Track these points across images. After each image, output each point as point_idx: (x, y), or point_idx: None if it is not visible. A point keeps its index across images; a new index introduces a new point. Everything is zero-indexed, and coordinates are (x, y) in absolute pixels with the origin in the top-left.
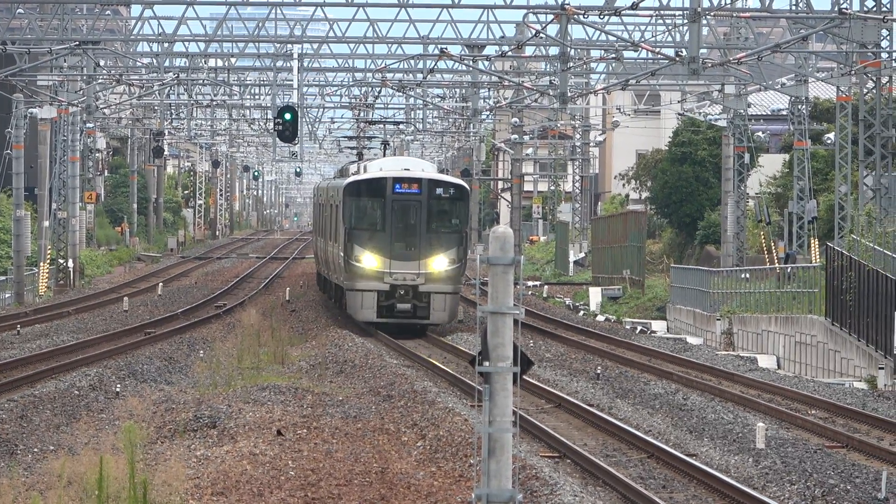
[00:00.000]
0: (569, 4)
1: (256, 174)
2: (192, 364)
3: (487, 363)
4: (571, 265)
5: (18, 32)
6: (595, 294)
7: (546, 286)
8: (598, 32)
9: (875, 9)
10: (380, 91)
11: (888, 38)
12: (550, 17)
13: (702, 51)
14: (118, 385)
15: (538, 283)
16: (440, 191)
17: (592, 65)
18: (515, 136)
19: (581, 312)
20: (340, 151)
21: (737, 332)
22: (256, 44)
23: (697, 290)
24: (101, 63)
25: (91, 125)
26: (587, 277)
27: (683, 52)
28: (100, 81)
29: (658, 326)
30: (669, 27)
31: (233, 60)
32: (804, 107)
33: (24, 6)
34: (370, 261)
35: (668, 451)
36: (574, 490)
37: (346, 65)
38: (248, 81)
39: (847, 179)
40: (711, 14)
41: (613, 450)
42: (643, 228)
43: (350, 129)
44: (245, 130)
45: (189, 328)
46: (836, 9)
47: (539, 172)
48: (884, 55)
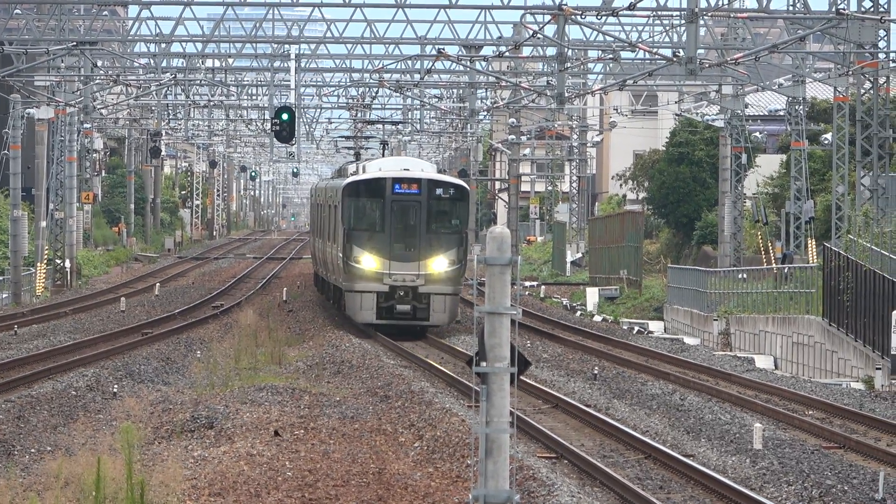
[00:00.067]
0: (566, 5)
1: (253, 174)
2: (190, 364)
3: (484, 363)
4: (568, 265)
5: (16, 32)
6: (592, 294)
7: (543, 286)
8: (596, 33)
9: (872, 9)
10: (377, 91)
11: (885, 39)
12: (548, 18)
13: (699, 51)
14: (115, 385)
15: (535, 284)
16: (440, 191)
17: (590, 65)
18: (513, 137)
19: (578, 313)
20: (337, 152)
21: (734, 333)
22: (254, 44)
23: (694, 291)
24: (99, 63)
25: (88, 125)
26: (584, 278)
27: (681, 53)
28: (97, 82)
29: (655, 327)
30: (667, 27)
31: (230, 61)
32: (801, 107)
33: (22, 6)
34: (369, 262)
35: (666, 452)
36: (571, 491)
37: (344, 65)
38: (246, 82)
39: (844, 180)
40: (709, 14)
41: (611, 450)
42: (640, 229)
43: (347, 130)
44: (242, 131)
45: (186, 328)
46: (834, 9)
47: (536, 173)
48: (881, 55)
